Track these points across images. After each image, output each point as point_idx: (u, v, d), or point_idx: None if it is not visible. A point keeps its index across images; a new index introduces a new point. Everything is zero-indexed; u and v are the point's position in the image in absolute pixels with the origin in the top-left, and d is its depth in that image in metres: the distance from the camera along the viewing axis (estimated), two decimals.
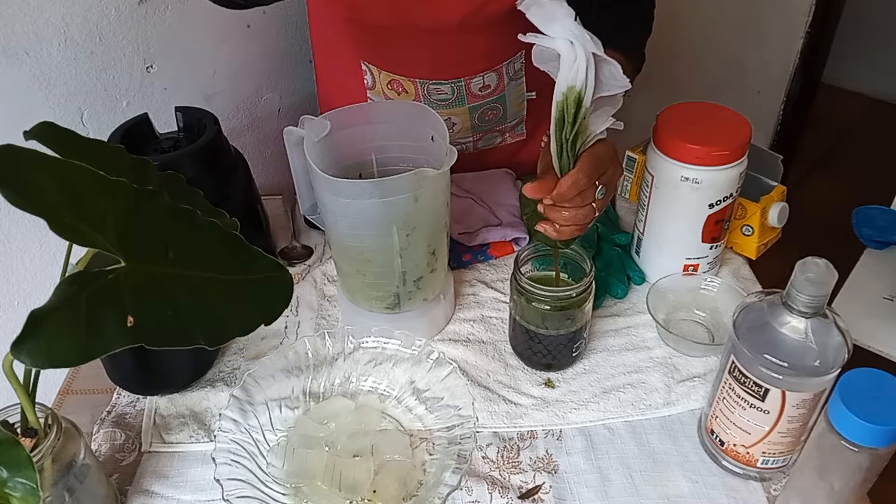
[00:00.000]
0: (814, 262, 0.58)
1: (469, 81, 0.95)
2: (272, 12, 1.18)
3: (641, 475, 0.71)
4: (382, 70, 0.96)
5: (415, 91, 0.97)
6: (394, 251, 0.75)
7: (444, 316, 0.86)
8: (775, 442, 0.65)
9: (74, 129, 0.57)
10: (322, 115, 0.76)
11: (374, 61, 0.95)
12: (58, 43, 0.94)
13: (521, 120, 1.06)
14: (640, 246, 0.91)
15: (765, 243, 0.93)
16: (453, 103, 0.98)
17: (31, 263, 1.03)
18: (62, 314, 0.46)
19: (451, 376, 0.73)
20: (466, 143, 1.05)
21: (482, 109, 1.00)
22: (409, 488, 0.68)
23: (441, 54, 0.93)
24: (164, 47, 1.05)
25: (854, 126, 2.79)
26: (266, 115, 1.26)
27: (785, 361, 0.60)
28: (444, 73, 0.95)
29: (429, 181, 0.70)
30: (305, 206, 0.83)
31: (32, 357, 0.45)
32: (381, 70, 0.96)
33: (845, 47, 2.60)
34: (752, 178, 0.90)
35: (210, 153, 0.83)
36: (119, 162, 0.60)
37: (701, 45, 2.02)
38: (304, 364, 0.76)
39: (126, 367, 0.77)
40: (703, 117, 0.83)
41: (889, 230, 1.40)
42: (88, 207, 0.47)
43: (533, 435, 0.75)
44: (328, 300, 0.91)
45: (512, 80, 0.99)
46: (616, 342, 0.84)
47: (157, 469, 0.72)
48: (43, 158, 0.46)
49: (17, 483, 0.51)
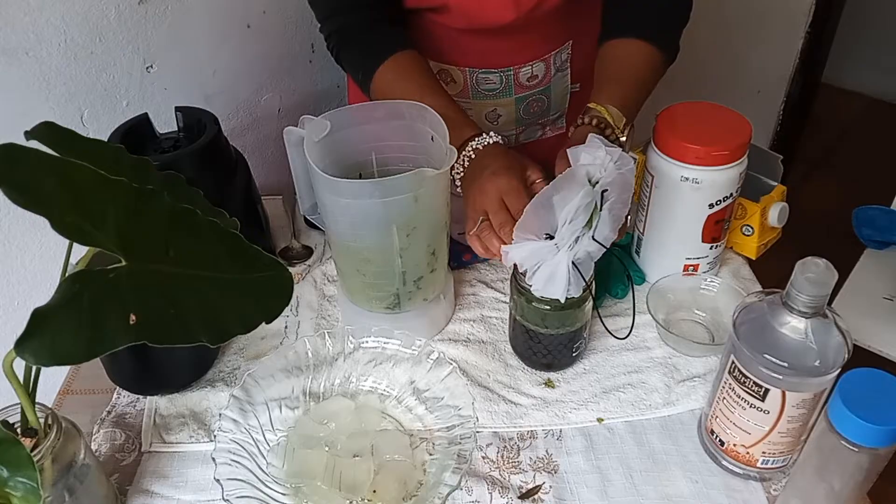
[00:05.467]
0: (814, 262, 0.58)
1: (518, 71, 0.96)
2: (272, 12, 1.18)
3: (641, 475, 0.71)
4: (431, 60, 0.95)
5: (463, 81, 0.98)
6: (394, 251, 0.75)
7: (444, 316, 0.86)
8: (775, 442, 0.65)
9: (74, 129, 0.57)
10: (322, 115, 0.76)
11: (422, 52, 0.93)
12: (58, 43, 0.94)
13: (562, 113, 1.07)
14: (640, 246, 0.91)
15: (765, 243, 0.93)
16: (501, 93, 0.98)
17: (31, 263, 1.03)
18: (65, 312, 0.46)
19: (451, 376, 0.73)
20: (509, 135, 1.05)
21: (528, 101, 1.01)
22: (409, 488, 0.68)
23: (490, 46, 0.93)
24: (164, 47, 1.05)
25: (854, 126, 2.78)
26: (266, 115, 1.26)
27: (785, 361, 0.60)
28: (493, 62, 0.95)
29: (429, 181, 0.70)
30: (305, 206, 0.83)
31: (36, 355, 0.45)
32: (429, 60, 0.94)
33: (845, 47, 2.59)
34: (752, 178, 0.90)
35: (210, 153, 0.83)
36: (119, 162, 0.60)
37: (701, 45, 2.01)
38: (304, 364, 0.76)
39: (126, 366, 0.77)
40: (703, 117, 0.83)
41: (889, 230, 1.40)
42: (89, 206, 0.48)
43: (533, 435, 0.75)
44: (328, 300, 0.91)
45: (558, 71, 1.00)
46: (616, 342, 0.84)
47: (157, 469, 0.72)
48: (44, 158, 0.46)
49: (18, 482, 0.51)
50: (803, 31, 2.02)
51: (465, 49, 0.94)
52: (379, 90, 0.86)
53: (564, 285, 0.68)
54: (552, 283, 0.68)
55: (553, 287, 0.68)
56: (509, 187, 0.72)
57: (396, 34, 0.89)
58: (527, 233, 0.68)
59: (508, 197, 0.72)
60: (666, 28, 0.87)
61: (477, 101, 1.00)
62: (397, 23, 0.91)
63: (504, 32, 0.91)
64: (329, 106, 1.34)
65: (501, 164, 0.75)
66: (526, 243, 0.68)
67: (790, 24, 2.03)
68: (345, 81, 1.25)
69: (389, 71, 0.86)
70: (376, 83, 0.86)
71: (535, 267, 0.69)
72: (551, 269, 0.67)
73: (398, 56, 0.86)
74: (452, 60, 0.96)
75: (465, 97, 0.99)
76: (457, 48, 0.95)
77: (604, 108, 0.79)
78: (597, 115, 0.79)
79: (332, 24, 0.90)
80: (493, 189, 0.73)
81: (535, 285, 0.69)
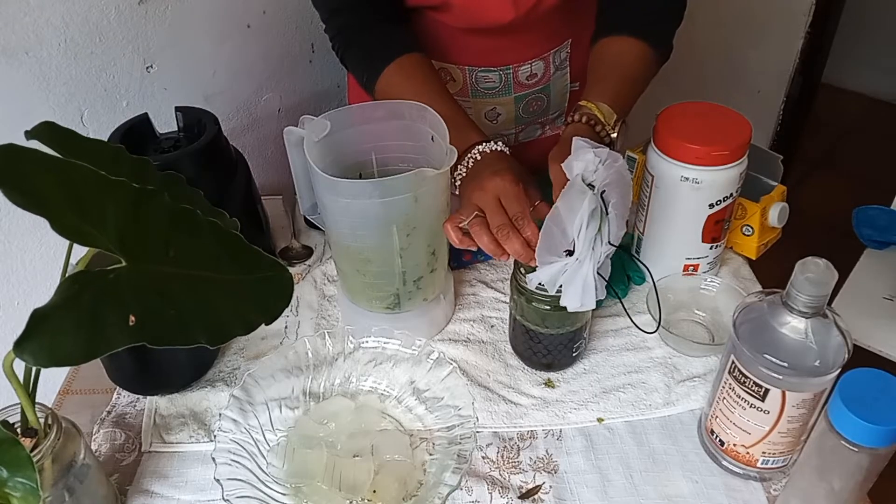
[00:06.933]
0: (814, 262, 0.58)
1: (517, 70, 0.96)
2: (272, 12, 1.18)
3: (641, 475, 0.71)
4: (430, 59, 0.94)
5: (462, 79, 0.98)
6: (394, 251, 0.75)
7: (444, 316, 0.86)
8: (775, 442, 0.65)
9: (74, 129, 0.57)
10: (322, 115, 0.76)
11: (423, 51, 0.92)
12: (58, 43, 0.94)
13: (561, 112, 1.07)
14: (640, 246, 0.91)
15: (765, 243, 0.93)
16: (500, 92, 0.99)
17: (31, 263, 1.03)
18: (65, 313, 0.46)
19: (451, 376, 0.73)
20: (509, 134, 1.06)
21: (527, 99, 1.01)
22: (409, 488, 0.68)
23: (490, 44, 0.94)
24: (164, 47, 1.05)
25: (854, 126, 2.78)
26: (266, 115, 1.26)
27: (785, 361, 0.60)
28: (492, 60, 0.95)
29: (429, 181, 0.70)
30: (305, 206, 0.83)
31: (35, 355, 0.45)
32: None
33: (845, 47, 2.60)
34: (752, 178, 0.90)
35: (210, 153, 0.83)
36: (119, 162, 0.60)
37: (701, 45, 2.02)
38: (304, 364, 0.76)
39: (126, 367, 0.77)
40: (703, 117, 0.83)
41: (889, 230, 1.40)
42: (90, 207, 0.48)
43: (533, 435, 0.75)
44: (328, 300, 0.91)
45: (558, 70, 1.00)
46: (616, 342, 0.84)
47: (157, 469, 0.72)
48: (44, 158, 0.46)
49: (18, 483, 0.51)
50: (803, 31, 2.02)
51: (465, 48, 0.95)
52: (384, 93, 0.86)
53: (594, 293, 0.68)
54: (586, 295, 0.68)
55: (587, 299, 0.69)
56: (508, 189, 0.72)
57: (401, 34, 0.89)
58: (549, 255, 0.68)
59: (506, 199, 0.72)
60: (658, 25, 0.88)
61: (476, 99, 1.00)
62: (401, 21, 0.91)
63: (504, 31, 0.91)
64: (329, 106, 1.34)
65: (504, 166, 0.75)
66: (550, 266, 0.68)
67: (790, 24, 2.03)
68: (345, 81, 1.25)
69: (395, 74, 0.85)
70: (381, 86, 0.86)
71: (563, 284, 0.69)
72: (582, 284, 0.68)
73: (403, 59, 0.86)
74: (452, 59, 0.96)
75: (464, 96, 0.99)
76: (457, 47, 0.95)
77: (594, 106, 0.79)
78: (587, 113, 0.79)
79: (335, 22, 0.90)
80: (492, 188, 0.73)
81: (570, 304, 0.69)
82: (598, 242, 0.68)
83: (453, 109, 0.82)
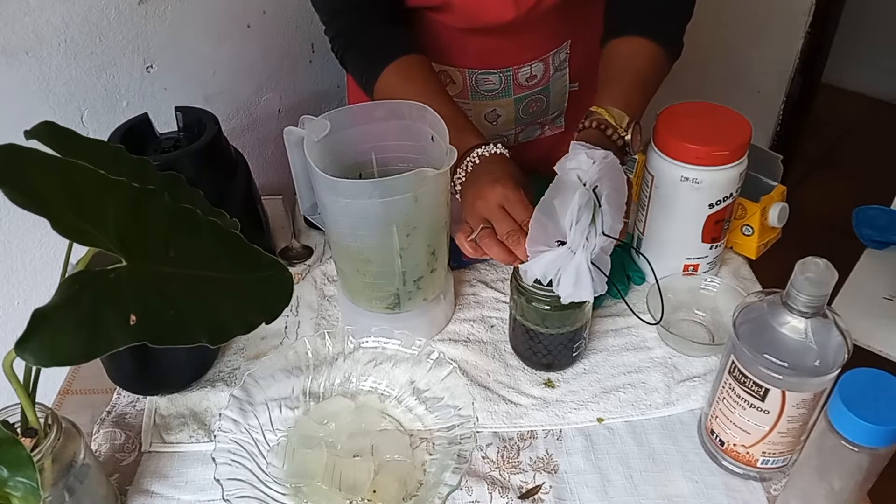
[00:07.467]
0: (814, 262, 0.58)
1: (517, 71, 0.96)
2: (272, 12, 1.18)
3: (641, 475, 0.71)
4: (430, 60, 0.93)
5: (462, 82, 0.98)
6: (394, 251, 0.75)
7: (444, 316, 0.86)
8: (775, 442, 0.65)
9: (74, 129, 0.57)
10: (322, 115, 0.76)
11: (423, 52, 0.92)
12: (58, 43, 0.94)
13: (561, 112, 1.07)
14: (640, 246, 0.91)
15: (765, 243, 0.93)
16: (500, 94, 0.99)
17: (31, 263, 1.03)
18: (65, 312, 0.46)
19: (451, 376, 0.73)
20: (508, 135, 1.06)
21: (527, 101, 1.01)
22: (409, 488, 0.68)
23: (490, 45, 0.94)
24: (164, 47, 1.05)
25: (854, 126, 2.78)
26: (266, 115, 1.26)
27: (785, 361, 0.60)
28: (492, 63, 0.95)
29: (429, 181, 0.70)
30: (305, 206, 0.83)
31: (36, 355, 0.45)
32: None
33: (845, 47, 2.60)
34: (752, 178, 0.90)
35: (210, 153, 0.83)
36: (119, 162, 0.60)
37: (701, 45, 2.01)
38: (304, 364, 0.76)
39: (126, 367, 0.77)
40: (703, 117, 0.83)
41: (889, 230, 1.40)
42: (90, 207, 0.48)
43: (533, 435, 0.75)
44: (328, 300, 0.91)
45: (557, 71, 1.00)
46: (616, 342, 0.84)
47: (157, 469, 0.72)
48: (44, 158, 0.46)
49: (18, 482, 0.51)
50: (803, 31, 2.02)
51: (465, 49, 0.94)
52: (383, 94, 0.86)
53: (590, 285, 0.68)
54: (579, 287, 0.68)
55: (581, 290, 0.68)
56: (510, 196, 0.72)
57: (401, 35, 0.89)
58: (539, 245, 0.68)
59: (510, 205, 0.72)
60: (667, 23, 0.87)
61: (476, 101, 1.00)
62: (401, 22, 0.91)
63: (504, 31, 0.91)
64: (329, 106, 1.34)
65: (504, 172, 0.75)
66: (542, 256, 0.68)
67: (790, 24, 2.03)
68: (345, 81, 1.25)
69: (394, 75, 0.85)
70: (380, 86, 0.86)
71: (557, 276, 0.69)
72: (574, 273, 0.68)
73: (403, 60, 0.85)
74: (452, 62, 0.96)
75: (464, 98, 0.99)
76: (457, 49, 0.95)
77: (605, 111, 0.78)
78: (598, 118, 0.78)
79: (335, 25, 0.90)
80: (494, 196, 0.73)
81: (563, 293, 0.69)
82: (591, 234, 0.67)
83: (452, 111, 0.81)
